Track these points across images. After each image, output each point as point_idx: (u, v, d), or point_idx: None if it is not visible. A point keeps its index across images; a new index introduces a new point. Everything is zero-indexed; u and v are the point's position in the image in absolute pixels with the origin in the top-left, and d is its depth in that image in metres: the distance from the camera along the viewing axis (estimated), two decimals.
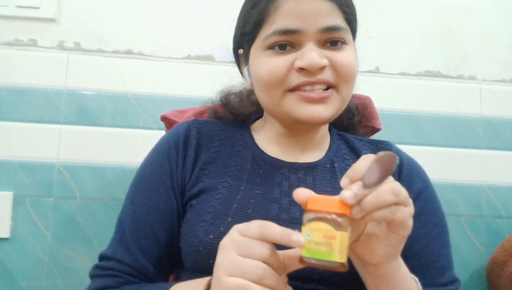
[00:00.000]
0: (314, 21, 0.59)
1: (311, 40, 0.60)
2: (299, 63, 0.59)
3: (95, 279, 0.63)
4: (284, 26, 0.60)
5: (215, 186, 0.63)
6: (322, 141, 0.71)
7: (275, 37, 0.60)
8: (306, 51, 0.59)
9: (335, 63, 0.60)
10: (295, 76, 0.60)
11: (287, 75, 0.61)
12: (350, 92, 0.64)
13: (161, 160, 0.67)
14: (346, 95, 0.63)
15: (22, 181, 1.03)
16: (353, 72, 0.62)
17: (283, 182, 0.64)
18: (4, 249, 1.01)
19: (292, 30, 0.59)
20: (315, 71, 0.59)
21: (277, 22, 0.60)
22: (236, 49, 0.71)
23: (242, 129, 0.72)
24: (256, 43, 0.64)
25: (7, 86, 1.06)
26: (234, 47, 0.72)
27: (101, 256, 0.65)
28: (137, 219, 0.64)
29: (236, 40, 0.70)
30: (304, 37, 0.60)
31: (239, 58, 0.72)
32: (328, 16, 0.59)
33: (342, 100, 0.63)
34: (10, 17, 1.08)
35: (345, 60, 0.61)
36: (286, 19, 0.59)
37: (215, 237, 0.57)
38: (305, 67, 0.59)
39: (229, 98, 0.77)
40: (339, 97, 0.63)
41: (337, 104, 0.63)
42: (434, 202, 0.67)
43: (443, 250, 0.64)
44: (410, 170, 0.68)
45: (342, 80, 0.61)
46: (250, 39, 0.65)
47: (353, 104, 0.79)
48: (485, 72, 1.20)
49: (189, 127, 0.70)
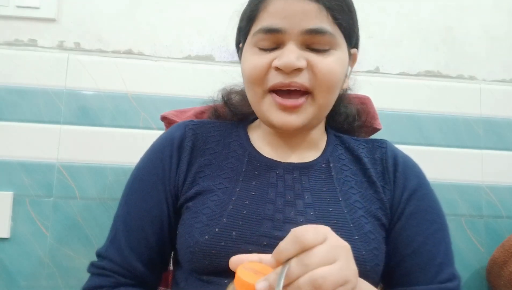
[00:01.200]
0: (298, 22, 0.59)
1: (293, 40, 0.59)
2: (276, 62, 0.60)
3: (90, 277, 0.65)
4: (268, 25, 0.60)
5: (210, 188, 0.63)
6: (318, 141, 0.71)
7: (260, 35, 0.61)
8: (285, 51, 0.59)
9: (314, 68, 0.59)
10: (273, 75, 0.60)
11: (266, 74, 0.61)
12: (328, 100, 0.63)
13: (154, 163, 0.67)
14: (323, 102, 0.62)
15: (22, 181, 1.03)
16: (332, 80, 0.60)
17: (278, 182, 0.64)
18: (4, 249, 1.01)
19: (275, 29, 0.59)
20: (291, 72, 0.59)
21: (264, 20, 0.61)
22: (237, 42, 0.72)
23: (238, 129, 0.72)
24: (248, 39, 0.65)
25: (7, 86, 1.06)
26: (236, 41, 0.73)
27: (97, 253, 0.67)
28: (129, 220, 0.65)
29: (236, 34, 0.72)
30: (287, 37, 0.60)
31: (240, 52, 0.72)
32: (314, 18, 0.59)
33: (319, 107, 0.62)
34: (10, 17, 1.08)
35: (325, 66, 0.60)
36: (272, 18, 0.60)
37: (210, 238, 0.57)
38: (280, 67, 0.59)
39: (230, 96, 0.77)
40: (315, 105, 0.62)
41: (311, 112, 0.62)
42: (430, 200, 0.67)
43: (441, 247, 0.63)
44: (406, 168, 0.68)
45: (319, 87, 0.60)
46: (244, 34, 0.66)
47: (354, 109, 0.78)
48: (485, 72, 1.20)
49: (185, 129, 0.70)
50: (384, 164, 0.68)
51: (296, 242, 0.41)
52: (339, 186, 0.65)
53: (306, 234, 0.41)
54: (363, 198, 0.64)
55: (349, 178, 0.66)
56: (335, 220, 0.60)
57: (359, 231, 0.59)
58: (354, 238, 0.58)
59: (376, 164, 0.69)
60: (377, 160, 0.69)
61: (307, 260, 0.40)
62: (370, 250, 0.59)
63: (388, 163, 0.68)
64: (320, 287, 0.39)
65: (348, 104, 0.77)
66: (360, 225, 0.60)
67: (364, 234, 0.59)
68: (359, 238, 0.59)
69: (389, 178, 0.67)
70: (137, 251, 0.64)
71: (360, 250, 0.58)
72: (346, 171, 0.67)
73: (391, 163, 0.68)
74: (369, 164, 0.68)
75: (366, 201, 0.64)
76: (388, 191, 0.66)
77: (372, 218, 0.63)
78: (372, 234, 0.61)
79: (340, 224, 0.60)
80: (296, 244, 0.41)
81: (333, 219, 0.60)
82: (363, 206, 0.63)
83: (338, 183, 0.65)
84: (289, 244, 0.41)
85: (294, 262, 0.40)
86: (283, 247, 0.41)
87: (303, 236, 0.41)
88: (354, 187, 0.65)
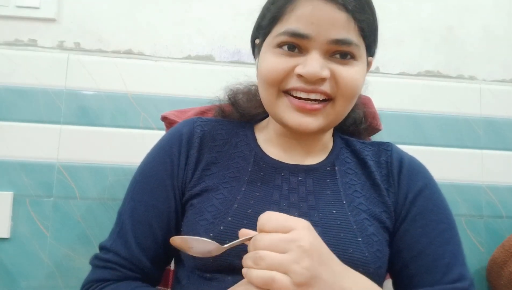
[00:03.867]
0: (326, 30, 0.58)
1: (317, 48, 0.59)
2: (299, 70, 0.59)
3: (93, 269, 0.65)
4: (294, 29, 0.59)
5: (216, 186, 0.64)
6: (325, 144, 0.71)
7: (284, 37, 0.60)
8: (309, 59, 0.58)
9: (338, 78, 0.59)
10: (293, 80, 0.60)
11: (286, 78, 0.61)
12: (347, 108, 0.63)
13: (163, 158, 0.67)
14: (341, 110, 0.62)
15: (22, 181, 1.03)
16: (354, 90, 0.61)
17: (283, 184, 0.64)
18: (4, 249, 1.01)
19: (301, 35, 0.58)
20: (314, 81, 0.59)
21: (290, 23, 0.60)
22: (253, 38, 0.71)
23: (245, 129, 0.72)
24: (268, 38, 0.64)
25: (7, 86, 1.06)
26: (252, 36, 0.71)
27: (101, 246, 0.66)
28: (136, 215, 0.65)
29: (254, 30, 0.70)
30: (312, 44, 0.59)
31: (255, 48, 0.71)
32: (341, 28, 0.58)
33: (336, 114, 0.62)
34: (10, 17, 1.08)
35: (349, 76, 0.60)
36: (299, 22, 0.59)
37: (215, 236, 0.57)
38: (304, 75, 0.58)
39: (237, 97, 0.76)
40: (333, 111, 0.62)
41: (329, 118, 0.62)
42: (437, 200, 0.67)
43: (448, 247, 0.62)
44: (411, 169, 0.68)
45: (341, 95, 0.60)
46: (265, 33, 0.65)
47: (361, 113, 0.78)
48: (485, 72, 1.20)
49: (193, 125, 0.70)
50: (389, 167, 0.68)
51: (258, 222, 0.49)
52: (343, 189, 0.65)
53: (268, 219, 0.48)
54: (367, 201, 0.64)
55: (354, 182, 0.66)
56: (339, 222, 0.60)
57: (362, 233, 0.59)
58: (357, 240, 0.58)
59: (381, 167, 0.68)
60: (382, 163, 0.69)
61: (257, 242, 0.47)
62: (373, 252, 0.59)
63: (393, 166, 0.68)
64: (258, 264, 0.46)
65: (355, 108, 0.77)
66: (363, 227, 0.60)
67: (368, 236, 0.59)
68: (363, 240, 0.59)
69: (394, 181, 0.67)
70: (144, 245, 0.64)
71: (363, 252, 0.58)
72: (351, 175, 0.67)
73: (396, 166, 0.68)
74: (374, 167, 0.68)
75: (370, 204, 0.64)
76: (392, 194, 0.66)
77: (375, 221, 0.62)
78: (376, 236, 0.61)
79: (344, 225, 0.60)
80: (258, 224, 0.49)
81: (337, 221, 0.60)
82: (367, 209, 0.63)
83: (342, 186, 0.65)
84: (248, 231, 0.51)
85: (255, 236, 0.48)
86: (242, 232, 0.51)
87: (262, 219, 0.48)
88: (358, 191, 0.65)
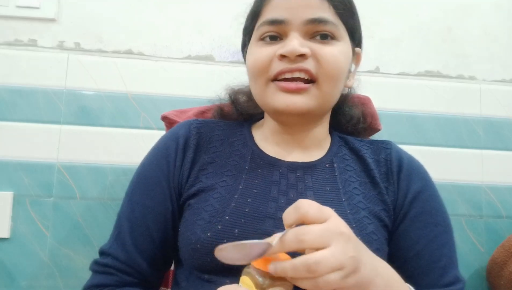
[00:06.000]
0: (301, 12, 0.60)
1: (296, 30, 0.61)
2: (279, 50, 0.60)
3: (93, 275, 0.65)
4: (271, 17, 0.62)
5: (213, 186, 0.64)
6: (322, 141, 0.71)
7: (264, 28, 0.63)
8: (288, 39, 0.61)
9: (318, 56, 0.60)
10: (277, 64, 0.61)
11: (270, 64, 0.62)
12: (333, 89, 0.63)
13: (159, 160, 0.67)
14: (327, 91, 0.62)
15: (22, 181, 1.03)
16: (336, 68, 0.61)
17: (281, 180, 0.64)
18: (4, 249, 1.01)
19: (278, 20, 0.61)
20: (295, 58, 0.60)
21: (268, 13, 0.63)
22: (243, 46, 0.72)
23: (242, 128, 0.73)
24: (252, 36, 0.66)
25: (7, 86, 1.06)
26: (241, 45, 0.73)
27: (100, 251, 0.66)
28: (133, 217, 0.65)
29: (242, 37, 0.72)
30: (290, 28, 0.61)
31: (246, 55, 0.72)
32: (316, 8, 0.61)
33: (323, 96, 0.62)
34: (10, 17, 1.08)
35: (329, 53, 0.61)
36: (275, 11, 0.62)
37: (212, 235, 0.58)
38: (284, 53, 0.60)
39: (237, 96, 0.77)
40: (319, 93, 0.62)
41: (316, 98, 0.62)
42: (434, 202, 0.67)
43: (444, 250, 0.63)
44: (410, 169, 0.68)
45: (324, 75, 0.61)
46: (249, 32, 0.67)
47: (359, 112, 0.78)
48: (485, 72, 1.20)
49: (189, 127, 0.70)
50: (389, 165, 0.68)
51: (296, 210, 0.44)
52: (342, 186, 0.65)
53: (309, 207, 0.44)
54: (366, 199, 0.64)
55: (353, 179, 0.66)
56: None
57: (361, 231, 0.59)
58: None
59: (380, 165, 0.68)
60: (381, 161, 0.69)
61: (302, 235, 0.42)
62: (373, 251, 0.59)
63: (392, 164, 0.68)
64: (315, 272, 0.40)
65: (353, 105, 0.77)
66: (362, 226, 0.60)
67: (367, 235, 0.59)
68: (362, 238, 0.58)
69: (393, 180, 0.67)
70: (141, 248, 0.64)
71: None
72: (350, 172, 0.67)
73: (395, 164, 0.68)
74: (373, 165, 0.68)
75: (369, 202, 0.64)
76: (391, 192, 0.66)
77: (375, 219, 0.62)
78: (375, 235, 0.60)
79: None
80: (296, 212, 0.43)
81: None
82: (366, 207, 0.63)
83: (341, 183, 0.65)
84: (291, 210, 0.44)
85: (290, 231, 0.42)
86: (286, 212, 0.45)
87: (304, 207, 0.44)
88: (357, 188, 0.65)
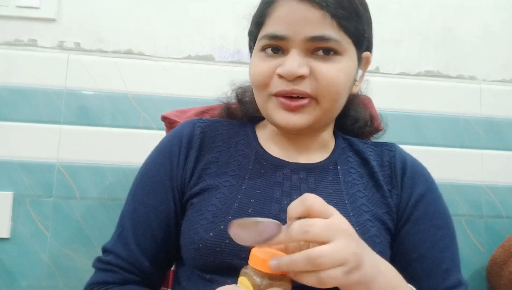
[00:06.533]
0: (302, 29, 0.58)
1: (296, 47, 0.59)
2: (278, 70, 0.60)
3: (95, 272, 0.66)
4: (272, 31, 0.60)
5: (216, 185, 0.63)
6: (326, 143, 0.71)
7: (265, 41, 0.62)
8: (288, 58, 0.59)
9: (317, 75, 0.59)
10: (276, 82, 0.61)
11: (270, 80, 0.61)
12: (333, 105, 0.62)
13: (163, 159, 0.67)
14: (327, 107, 0.62)
15: (22, 181, 1.03)
16: (336, 87, 0.60)
17: (284, 182, 0.64)
18: (4, 249, 1.01)
19: (279, 36, 0.60)
20: (294, 80, 0.59)
21: (270, 26, 0.61)
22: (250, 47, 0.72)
23: (246, 128, 0.73)
24: (256, 44, 0.65)
25: (7, 86, 1.06)
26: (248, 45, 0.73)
27: (103, 248, 0.67)
28: (136, 216, 0.65)
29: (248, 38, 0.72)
30: (291, 44, 0.59)
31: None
32: (317, 26, 0.58)
33: (323, 111, 0.62)
34: (10, 17, 1.08)
35: (328, 73, 0.59)
36: (276, 24, 0.60)
37: (215, 235, 0.57)
38: (282, 74, 0.59)
39: (244, 95, 0.77)
40: (319, 109, 0.61)
41: (316, 114, 0.61)
42: (438, 205, 0.66)
43: (447, 253, 0.63)
44: (414, 172, 0.68)
45: (323, 95, 0.60)
46: (254, 38, 0.66)
47: (366, 114, 0.78)
48: (485, 72, 1.20)
49: (193, 127, 0.70)
50: (392, 167, 0.68)
51: (302, 203, 0.45)
52: (345, 189, 0.64)
53: (314, 200, 0.45)
54: (370, 201, 0.64)
55: (356, 181, 0.66)
56: None
57: (364, 234, 0.59)
58: None
59: (384, 167, 0.68)
60: (385, 163, 0.68)
61: (307, 227, 0.43)
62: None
63: (396, 167, 0.68)
64: (318, 265, 0.41)
65: (359, 108, 0.77)
66: (365, 229, 0.60)
67: (370, 238, 0.59)
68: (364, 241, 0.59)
69: (397, 182, 0.66)
70: (144, 246, 0.64)
71: None
72: (354, 174, 0.67)
73: (399, 167, 0.68)
74: (376, 167, 0.68)
75: (372, 204, 0.64)
76: (395, 195, 0.66)
77: (378, 222, 0.62)
78: (378, 238, 0.60)
79: None
80: (302, 205, 0.45)
81: None
82: (369, 210, 0.63)
83: (345, 185, 0.65)
84: (296, 202, 0.46)
85: (296, 222, 0.43)
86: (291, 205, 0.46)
87: (309, 200, 0.45)
88: (361, 191, 0.65)
